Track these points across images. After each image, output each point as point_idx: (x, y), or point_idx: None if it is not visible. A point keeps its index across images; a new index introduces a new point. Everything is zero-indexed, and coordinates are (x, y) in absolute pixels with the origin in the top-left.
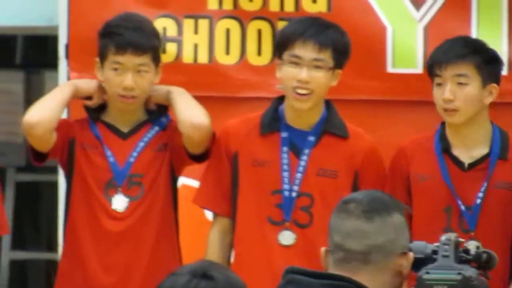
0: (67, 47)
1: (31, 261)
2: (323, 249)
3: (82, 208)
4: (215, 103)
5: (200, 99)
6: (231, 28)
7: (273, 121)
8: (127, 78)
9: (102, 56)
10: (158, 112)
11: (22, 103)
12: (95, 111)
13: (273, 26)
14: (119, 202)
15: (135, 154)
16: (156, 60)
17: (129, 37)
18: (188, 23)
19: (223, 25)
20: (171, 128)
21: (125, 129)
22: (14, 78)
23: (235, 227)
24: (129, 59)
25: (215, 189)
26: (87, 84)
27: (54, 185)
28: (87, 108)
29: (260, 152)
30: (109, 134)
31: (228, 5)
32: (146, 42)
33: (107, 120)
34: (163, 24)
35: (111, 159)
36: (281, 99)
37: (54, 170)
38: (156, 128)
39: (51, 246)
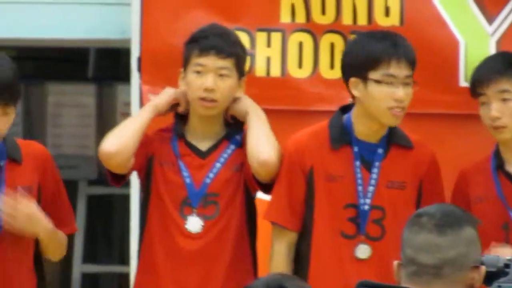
0: (139, 60)
1: (103, 274)
2: (395, 262)
3: (158, 224)
4: (287, 117)
5: (272, 112)
6: (304, 41)
7: (342, 135)
8: (208, 79)
9: (186, 62)
10: (235, 128)
11: (94, 116)
12: (183, 118)
13: (345, 40)
14: (194, 224)
15: (211, 175)
16: (238, 68)
17: (213, 40)
18: (261, 37)
19: (295, 38)
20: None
21: (203, 147)
22: (86, 91)
23: (311, 241)
24: (212, 61)
25: (287, 204)
26: (164, 96)
27: (126, 198)
28: (176, 120)
29: (333, 166)
30: (188, 153)
31: (300, 18)
32: (230, 47)
33: (188, 139)
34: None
35: (187, 180)
36: (343, 110)
37: (126, 183)
38: (232, 147)
39: (123, 259)
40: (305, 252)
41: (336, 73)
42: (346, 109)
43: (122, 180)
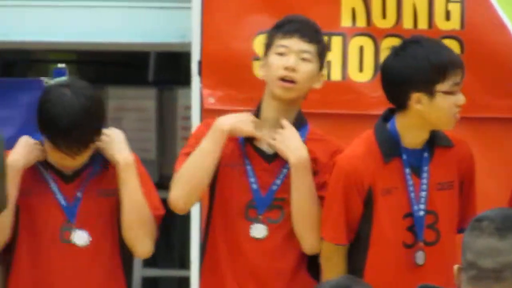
0: (200, 63)
1: (164, 278)
2: (455, 266)
3: (221, 227)
4: (347, 121)
5: (333, 116)
6: (365, 45)
7: (391, 147)
8: (290, 59)
9: (268, 46)
10: (299, 124)
11: (154, 120)
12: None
13: None
14: (259, 231)
15: (278, 182)
16: (320, 57)
17: (298, 25)
18: None
19: (356, 42)
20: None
21: (271, 150)
22: (146, 95)
23: (367, 254)
24: (295, 43)
25: (344, 223)
26: (245, 125)
27: None
28: None
29: (387, 179)
30: (255, 156)
31: (361, 22)
32: (313, 34)
33: (255, 143)
34: None
35: (254, 186)
36: (385, 118)
37: None
38: None
39: (184, 263)
40: (359, 265)
41: None
42: (386, 117)
43: None
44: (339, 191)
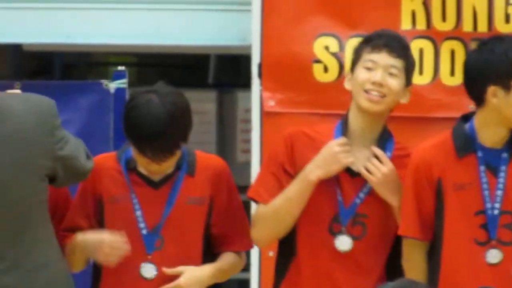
0: (260, 66)
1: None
2: None
3: (304, 239)
4: (407, 123)
5: (392, 119)
6: (425, 48)
7: (466, 143)
8: (377, 74)
9: (355, 61)
10: (385, 141)
11: (214, 123)
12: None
13: (466, 46)
14: (344, 243)
15: (362, 195)
16: (407, 73)
17: (386, 40)
18: None
19: (416, 45)
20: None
21: (355, 166)
22: (207, 98)
23: (441, 251)
24: (383, 58)
25: (417, 217)
26: (334, 165)
27: (247, 205)
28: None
29: (460, 175)
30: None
31: (421, 25)
32: (402, 49)
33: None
34: (356, 44)
35: (339, 198)
36: (465, 118)
37: (244, 191)
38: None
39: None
40: (434, 261)
41: (457, 80)
42: (467, 118)
43: None
44: (411, 185)
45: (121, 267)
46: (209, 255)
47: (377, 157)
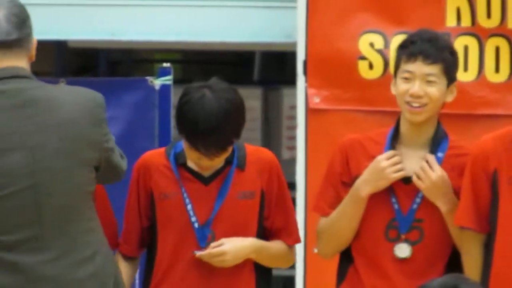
0: (305, 63)
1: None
2: None
3: (362, 248)
4: (452, 120)
5: (439, 116)
6: (469, 45)
7: None
8: (415, 86)
9: (396, 68)
10: (438, 141)
11: (260, 120)
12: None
13: (510, 43)
14: (403, 251)
15: (418, 200)
16: (448, 73)
17: (421, 46)
18: None
19: (461, 41)
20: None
21: (408, 172)
22: (252, 94)
23: (494, 243)
24: (419, 67)
25: (474, 207)
26: (385, 180)
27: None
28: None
29: None
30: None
31: (466, 22)
32: (437, 53)
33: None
34: (399, 42)
35: (396, 206)
36: None
37: (291, 187)
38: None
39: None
40: (488, 255)
41: (502, 77)
42: None
43: None
44: (469, 175)
45: (176, 262)
46: None
47: (428, 162)
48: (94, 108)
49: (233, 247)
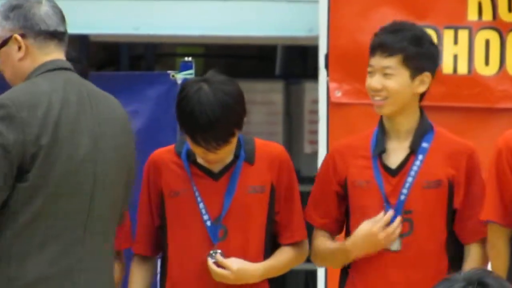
0: (326, 57)
1: (291, 271)
2: None
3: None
4: (474, 114)
5: (459, 110)
6: (491, 38)
7: None
8: (373, 80)
9: None
10: (422, 132)
11: (281, 114)
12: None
13: None
14: (394, 243)
15: (405, 191)
16: (409, 65)
17: (380, 39)
18: (448, 34)
19: (482, 36)
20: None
21: (393, 165)
22: (274, 88)
23: None
24: (377, 61)
25: (499, 201)
26: (377, 243)
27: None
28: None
29: None
30: (381, 168)
31: (487, 16)
32: (395, 45)
33: (383, 158)
34: None
35: (384, 199)
36: None
37: (312, 182)
38: (420, 158)
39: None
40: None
41: None
42: None
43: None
44: (494, 169)
45: (188, 259)
46: (273, 243)
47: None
48: (131, 133)
49: (240, 273)
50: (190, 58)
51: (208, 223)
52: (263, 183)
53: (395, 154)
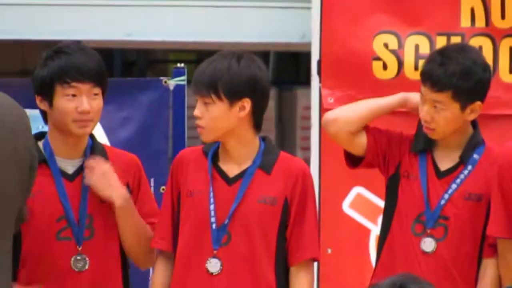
0: (319, 63)
1: None
2: None
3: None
4: None
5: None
6: (484, 45)
7: None
8: (424, 109)
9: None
10: (474, 144)
11: (274, 120)
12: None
13: None
14: (428, 245)
15: (446, 196)
16: (459, 98)
17: (430, 69)
18: (441, 41)
19: (475, 42)
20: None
21: (444, 166)
22: None
23: None
24: (427, 92)
25: (505, 216)
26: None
27: None
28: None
29: None
30: (430, 168)
31: (480, 23)
32: (445, 80)
33: (434, 154)
34: (416, 41)
35: (426, 200)
36: None
37: None
38: (469, 168)
39: None
40: None
41: None
42: None
43: (358, 163)
44: (497, 183)
45: (188, 261)
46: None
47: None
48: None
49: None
50: (182, 64)
51: (214, 226)
52: (276, 195)
53: (443, 161)
